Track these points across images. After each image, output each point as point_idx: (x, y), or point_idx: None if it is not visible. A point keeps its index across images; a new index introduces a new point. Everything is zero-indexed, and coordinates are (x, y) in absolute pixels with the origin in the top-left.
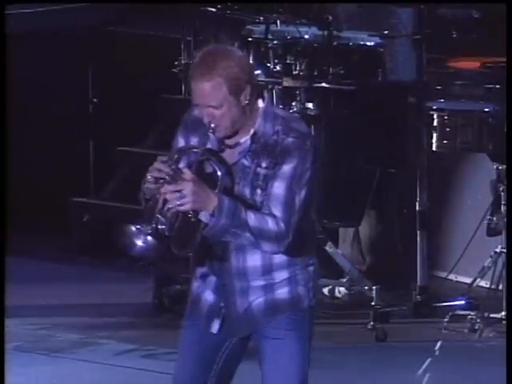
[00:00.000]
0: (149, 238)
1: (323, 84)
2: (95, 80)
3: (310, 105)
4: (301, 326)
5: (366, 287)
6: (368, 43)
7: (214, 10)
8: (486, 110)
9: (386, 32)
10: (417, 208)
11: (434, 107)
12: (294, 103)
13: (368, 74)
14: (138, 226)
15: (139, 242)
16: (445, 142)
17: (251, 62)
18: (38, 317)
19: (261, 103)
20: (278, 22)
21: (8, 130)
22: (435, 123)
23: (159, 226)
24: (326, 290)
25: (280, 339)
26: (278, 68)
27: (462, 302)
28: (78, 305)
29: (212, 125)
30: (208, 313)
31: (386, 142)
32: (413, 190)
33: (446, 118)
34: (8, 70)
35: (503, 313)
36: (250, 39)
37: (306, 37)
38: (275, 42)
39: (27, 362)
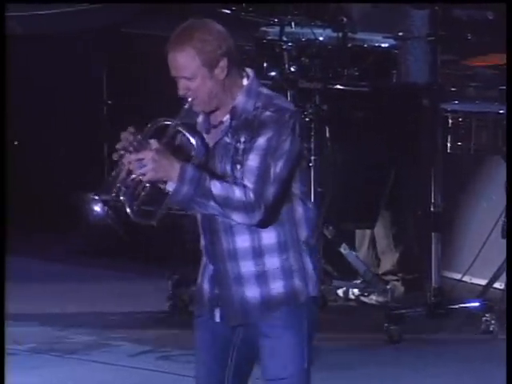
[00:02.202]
0: (106, 206)
1: (338, 86)
2: (110, 81)
3: (325, 106)
4: (298, 322)
5: (381, 289)
6: (382, 45)
7: (228, 11)
8: (501, 111)
9: (400, 34)
10: (431, 210)
11: (449, 109)
12: (308, 105)
13: (382, 76)
14: (97, 196)
15: (97, 209)
16: (459, 143)
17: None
18: (53, 318)
19: (245, 81)
20: (293, 23)
21: (24, 130)
22: (450, 125)
23: (121, 197)
24: (340, 292)
25: (276, 338)
26: (292, 70)
27: (477, 304)
28: (92, 306)
29: (189, 98)
30: (209, 303)
31: (400, 143)
32: (427, 192)
33: (460, 119)
34: (24, 71)
35: None
36: (264, 41)
37: (321, 38)
38: (290, 43)
39: (41, 363)
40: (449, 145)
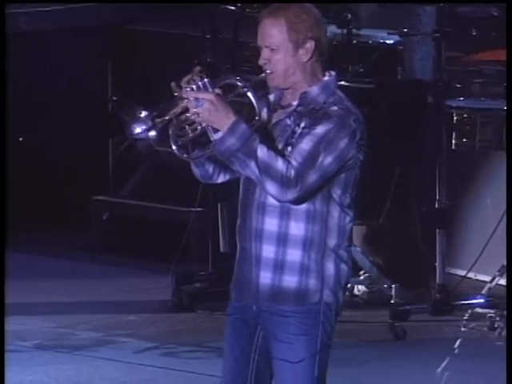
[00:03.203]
0: (150, 131)
1: (342, 82)
2: (114, 78)
3: None
4: (311, 330)
5: (385, 285)
6: (387, 41)
7: (233, 8)
8: (506, 108)
9: (405, 30)
10: (436, 206)
11: (454, 105)
12: None
13: (387, 73)
14: (151, 114)
15: (138, 129)
16: (464, 140)
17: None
18: (59, 315)
19: (326, 78)
20: None
21: (29, 127)
22: (455, 121)
23: (170, 128)
24: None
25: (289, 343)
26: None
27: (482, 301)
28: (98, 303)
29: (267, 70)
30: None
31: (405, 140)
32: (432, 189)
33: (465, 116)
34: (29, 68)
35: None
36: None
37: None
38: None
39: (48, 360)
40: (454, 141)
